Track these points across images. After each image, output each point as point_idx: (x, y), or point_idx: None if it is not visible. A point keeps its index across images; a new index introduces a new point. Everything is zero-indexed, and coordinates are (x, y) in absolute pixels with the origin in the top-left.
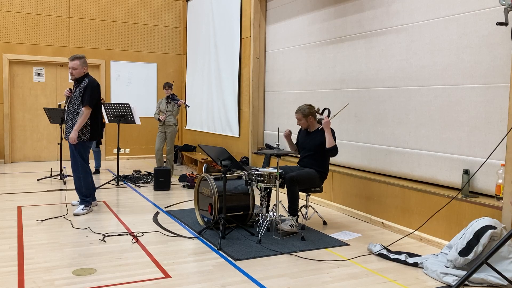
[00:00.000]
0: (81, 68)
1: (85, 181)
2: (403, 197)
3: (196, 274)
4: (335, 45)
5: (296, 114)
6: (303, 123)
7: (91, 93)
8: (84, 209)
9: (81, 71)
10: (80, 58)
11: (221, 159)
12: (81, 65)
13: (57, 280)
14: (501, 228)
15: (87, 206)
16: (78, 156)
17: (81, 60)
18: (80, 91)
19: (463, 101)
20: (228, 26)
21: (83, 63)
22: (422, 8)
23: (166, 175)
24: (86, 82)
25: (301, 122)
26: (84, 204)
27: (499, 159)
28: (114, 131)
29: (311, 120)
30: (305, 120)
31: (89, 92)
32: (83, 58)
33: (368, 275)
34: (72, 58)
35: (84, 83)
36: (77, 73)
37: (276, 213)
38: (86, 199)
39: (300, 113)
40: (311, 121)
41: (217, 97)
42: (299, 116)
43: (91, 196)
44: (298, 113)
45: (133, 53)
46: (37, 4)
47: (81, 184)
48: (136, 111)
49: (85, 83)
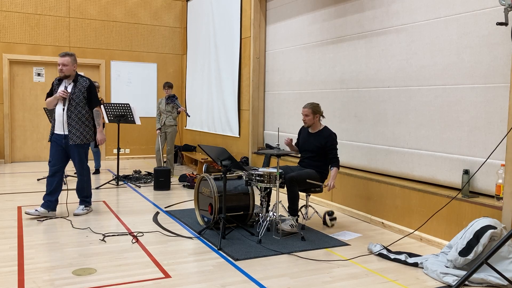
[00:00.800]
0: (72, 65)
1: (88, 182)
2: (403, 197)
3: (196, 274)
4: (335, 45)
5: (305, 108)
6: (309, 119)
7: (96, 93)
8: (84, 209)
9: (71, 68)
10: (71, 55)
11: (221, 159)
12: (72, 62)
13: (57, 280)
14: (501, 228)
15: (87, 206)
16: (84, 159)
17: (72, 57)
18: (82, 91)
19: (463, 101)
20: (228, 26)
21: (73, 60)
22: (422, 8)
23: (166, 175)
24: (87, 82)
25: (307, 118)
26: (84, 204)
27: (499, 159)
28: (114, 131)
29: (317, 119)
30: (312, 117)
31: (95, 92)
32: (73, 56)
33: (368, 275)
34: (63, 55)
35: (84, 83)
36: (67, 70)
37: (276, 213)
38: (86, 200)
39: (310, 108)
40: (316, 120)
41: (217, 97)
42: (308, 111)
43: (91, 196)
44: (308, 108)
45: (133, 53)
46: (37, 4)
47: (84, 185)
48: (136, 111)
49: (85, 83)
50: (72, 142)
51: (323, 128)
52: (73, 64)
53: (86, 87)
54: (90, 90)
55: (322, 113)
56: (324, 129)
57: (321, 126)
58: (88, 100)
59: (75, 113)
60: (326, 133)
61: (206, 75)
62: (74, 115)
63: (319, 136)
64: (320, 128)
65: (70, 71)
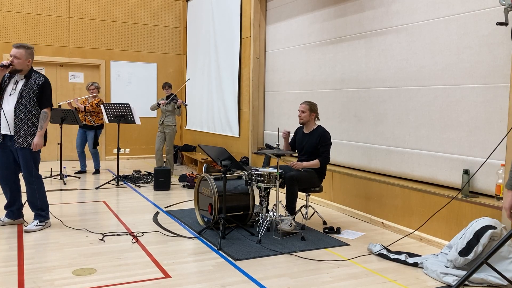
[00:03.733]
0: (26, 59)
1: (40, 193)
2: (403, 197)
3: (196, 274)
4: (335, 45)
5: (303, 104)
6: (305, 116)
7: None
8: (38, 225)
9: (24, 62)
10: (27, 49)
11: (221, 159)
12: (25, 56)
13: (57, 280)
14: (501, 228)
15: (41, 222)
16: (33, 164)
17: (28, 50)
18: (34, 88)
19: (463, 101)
20: (228, 26)
21: (28, 54)
22: (422, 8)
23: (166, 175)
24: (42, 79)
25: (304, 114)
26: (39, 219)
27: (499, 159)
28: (114, 131)
29: (312, 117)
30: (308, 114)
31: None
32: (30, 49)
33: (368, 275)
34: (17, 46)
35: (38, 79)
36: (18, 64)
37: (276, 213)
38: (41, 213)
39: (308, 105)
40: (312, 119)
41: (217, 97)
42: (305, 108)
43: (47, 209)
44: (306, 104)
45: (133, 53)
46: (37, 4)
47: (35, 196)
48: (136, 111)
49: (39, 80)
50: (18, 145)
51: (317, 127)
52: (27, 58)
53: (40, 85)
54: (43, 88)
55: (318, 114)
56: (317, 128)
57: (315, 126)
58: (38, 99)
59: (24, 113)
60: (319, 132)
61: (206, 75)
62: (23, 114)
63: (312, 136)
64: (314, 128)
65: (22, 65)
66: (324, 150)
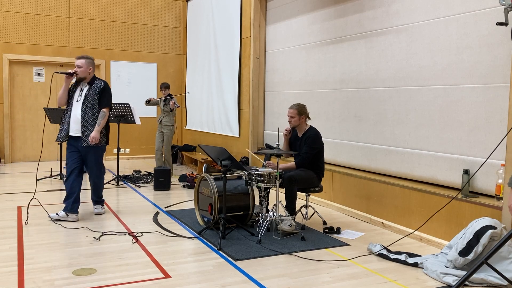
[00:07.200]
0: (87, 67)
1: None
2: (403, 197)
3: (196, 274)
4: (335, 45)
5: (291, 109)
6: (295, 121)
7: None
8: (103, 208)
9: (85, 71)
10: (87, 58)
11: (221, 159)
12: (87, 64)
13: (57, 280)
14: (501, 228)
15: (103, 205)
16: (100, 159)
17: (88, 60)
18: (96, 93)
19: (463, 101)
20: (228, 26)
21: (89, 63)
22: (422, 8)
23: (166, 175)
24: (102, 84)
25: (293, 119)
26: (102, 203)
27: (499, 159)
28: (114, 131)
29: (303, 120)
30: (298, 118)
31: (107, 94)
32: (90, 59)
33: (368, 275)
34: (79, 57)
35: (99, 84)
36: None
37: (276, 213)
38: (101, 199)
39: (296, 109)
40: (302, 122)
41: (217, 97)
42: (294, 112)
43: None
44: (294, 108)
45: (133, 53)
46: (37, 4)
47: (101, 187)
48: (136, 111)
49: (100, 84)
50: (86, 143)
51: (308, 129)
52: (88, 67)
53: (101, 89)
54: (103, 92)
55: (308, 114)
56: (308, 129)
57: (306, 127)
58: (99, 100)
59: (89, 115)
60: (308, 134)
61: (206, 75)
62: (89, 116)
63: (303, 138)
64: (306, 130)
65: (84, 73)
66: (305, 151)
